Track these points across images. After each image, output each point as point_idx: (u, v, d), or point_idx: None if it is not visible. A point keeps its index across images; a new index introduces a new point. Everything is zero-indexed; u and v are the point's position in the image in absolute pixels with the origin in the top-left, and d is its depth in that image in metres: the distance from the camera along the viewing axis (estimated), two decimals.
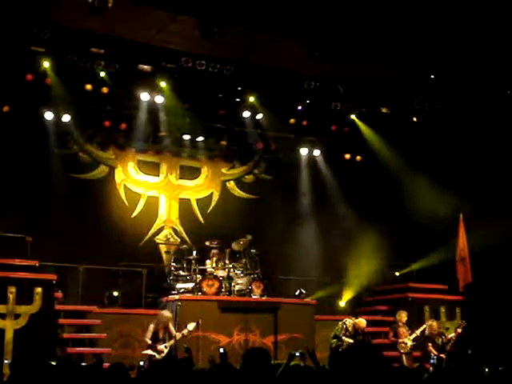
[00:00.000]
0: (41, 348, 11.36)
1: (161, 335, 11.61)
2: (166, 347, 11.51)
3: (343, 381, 3.58)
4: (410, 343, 13.02)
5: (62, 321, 12.52)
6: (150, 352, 11.42)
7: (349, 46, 13.16)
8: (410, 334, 13.15)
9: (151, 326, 11.68)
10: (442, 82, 14.59)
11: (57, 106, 13.60)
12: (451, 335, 12.95)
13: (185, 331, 11.67)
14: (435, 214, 14.94)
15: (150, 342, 11.52)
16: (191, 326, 11.72)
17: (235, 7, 11.51)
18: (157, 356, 11.32)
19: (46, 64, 12.74)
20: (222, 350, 10.13)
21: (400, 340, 13.09)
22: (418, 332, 13.14)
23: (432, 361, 12.29)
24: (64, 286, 13.02)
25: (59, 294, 12.61)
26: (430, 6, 12.21)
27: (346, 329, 12.52)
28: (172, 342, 11.60)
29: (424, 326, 13.22)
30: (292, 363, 5.62)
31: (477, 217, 14.59)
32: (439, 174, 15.07)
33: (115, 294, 13.43)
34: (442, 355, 12.51)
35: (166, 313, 11.92)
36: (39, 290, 11.95)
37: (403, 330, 13.25)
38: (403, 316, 13.35)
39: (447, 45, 13.13)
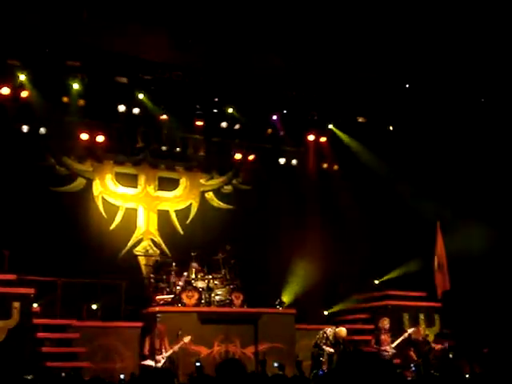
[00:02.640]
0: (19, 363, 11.22)
1: (157, 346, 11.98)
2: (163, 358, 11.89)
3: None
4: (391, 351, 13.00)
5: (40, 335, 12.38)
6: (149, 362, 11.80)
7: (325, 55, 13.29)
8: (392, 342, 13.15)
9: (147, 339, 12.13)
10: (417, 91, 14.78)
11: (33, 118, 13.53)
12: (437, 346, 13.00)
13: (181, 343, 12.00)
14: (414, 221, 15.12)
15: (147, 353, 11.95)
16: (187, 338, 12.07)
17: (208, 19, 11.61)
18: (154, 366, 11.69)
19: (22, 77, 12.70)
20: (198, 364, 10.19)
21: (382, 348, 13.03)
22: (400, 339, 13.13)
23: (413, 368, 12.29)
24: (42, 299, 12.88)
25: (37, 308, 12.48)
26: (405, 16, 12.39)
27: (327, 337, 12.50)
28: (169, 353, 11.95)
29: (406, 333, 13.24)
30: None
31: (455, 223, 14.76)
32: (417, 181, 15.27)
33: (94, 306, 13.34)
34: (419, 361, 12.55)
35: (162, 326, 12.26)
36: (17, 304, 11.79)
37: (385, 337, 13.20)
38: (385, 323, 13.32)
39: (422, 54, 13.31)
